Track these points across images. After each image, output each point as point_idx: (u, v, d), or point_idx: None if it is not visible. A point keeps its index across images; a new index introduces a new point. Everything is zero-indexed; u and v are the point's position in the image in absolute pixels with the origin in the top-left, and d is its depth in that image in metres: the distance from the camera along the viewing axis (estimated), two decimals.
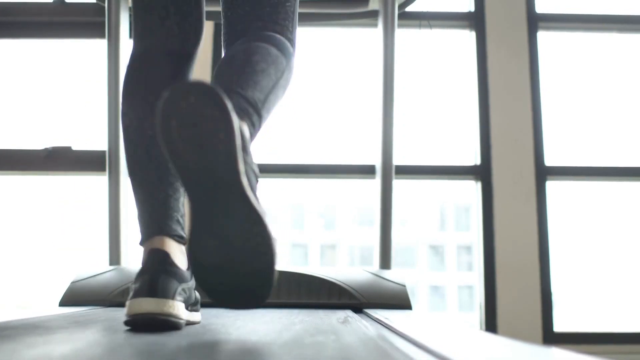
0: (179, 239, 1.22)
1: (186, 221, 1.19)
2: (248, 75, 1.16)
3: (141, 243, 1.24)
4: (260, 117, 1.15)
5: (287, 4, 1.34)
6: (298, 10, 1.38)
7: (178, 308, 1.09)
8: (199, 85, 0.95)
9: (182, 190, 1.25)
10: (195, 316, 1.25)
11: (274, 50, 1.23)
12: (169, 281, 1.10)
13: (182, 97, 0.94)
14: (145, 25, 1.36)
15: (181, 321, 1.10)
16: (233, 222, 0.98)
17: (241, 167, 0.97)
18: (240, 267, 1.00)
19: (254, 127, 1.13)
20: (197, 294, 1.25)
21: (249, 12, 1.32)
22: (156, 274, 1.11)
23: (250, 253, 0.99)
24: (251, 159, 1.05)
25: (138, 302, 1.07)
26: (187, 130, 0.95)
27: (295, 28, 1.36)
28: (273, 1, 1.32)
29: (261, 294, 1.03)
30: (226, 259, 1.00)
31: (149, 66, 1.33)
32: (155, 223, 1.22)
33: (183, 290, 1.14)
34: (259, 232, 0.98)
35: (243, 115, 1.09)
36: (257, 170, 1.07)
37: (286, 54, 1.27)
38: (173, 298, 1.09)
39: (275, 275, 1.01)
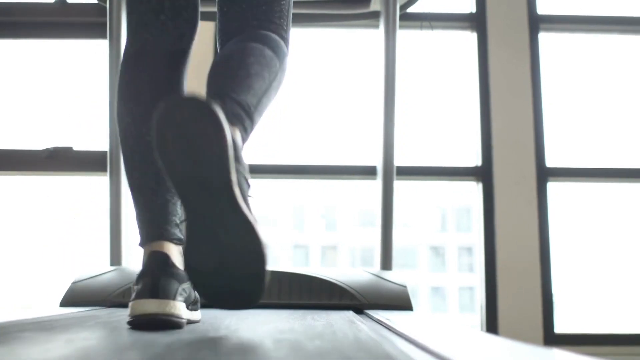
0: (178, 241, 1.24)
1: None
2: (242, 79, 1.18)
3: (141, 245, 1.26)
4: (252, 121, 1.18)
5: (282, 2, 1.35)
6: (292, 9, 1.40)
7: (179, 308, 1.13)
8: (193, 100, 0.98)
9: None
10: (195, 315, 1.28)
11: (268, 52, 1.25)
12: (169, 282, 1.14)
13: (177, 111, 0.98)
14: (139, 20, 1.35)
15: (182, 320, 1.14)
16: (226, 230, 1.02)
17: (234, 177, 1.01)
18: (234, 272, 1.05)
19: (246, 132, 1.16)
20: (196, 293, 1.26)
21: (245, 10, 1.32)
22: (157, 276, 1.14)
23: (242, 258, 1.04)
24: (243, 166, 1.07)
25: (141, 303, 1.11)
26: (182, 144, 0.98)
27: (290, 26, 1.37)
28: None
29: (254, 296, 1.08)
30: (220, 265, 1.04)
31: (144, 66, 1.32)
32: (155, 228, 1.24)
33: (183, 290, 1.17)
34: (250, 239, 1.02)
35: (236, 121, 1.12)
36: (248, 176, 1.09)
37: (280, 55, 1.28)
38: (174, 298, 1.12)
39: (267, 279, 1.05)
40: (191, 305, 1.23)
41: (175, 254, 1.22)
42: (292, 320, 1.36)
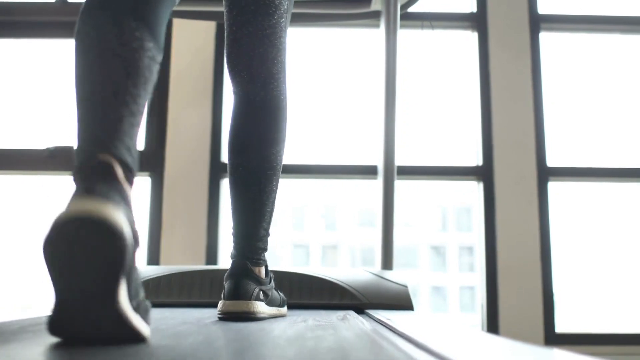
0: (126, 168, 0.94)
1: None
2: (260, 217, 1.44)
3: (75, 170, 0.93)
4: (268, 236, 1.47)
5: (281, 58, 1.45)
6: (293, 9, 1.46)
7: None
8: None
9: (140, 115, 1.01)
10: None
11: (279, 151, 1.45)
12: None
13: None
14: None
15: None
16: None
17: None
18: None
19: (265, 248, 1.46)
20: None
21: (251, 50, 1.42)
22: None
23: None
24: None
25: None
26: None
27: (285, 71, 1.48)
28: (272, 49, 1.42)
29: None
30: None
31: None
32: (100, 140, 0.94)
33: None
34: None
35: (259, 262, 1.43)
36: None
37: (284, 127, 1.46)
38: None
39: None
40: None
41: (125, 183, 0.93)
42: (292, 320, 1.36)
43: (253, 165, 1.41)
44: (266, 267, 1.45)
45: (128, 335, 0.84)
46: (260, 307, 1.36)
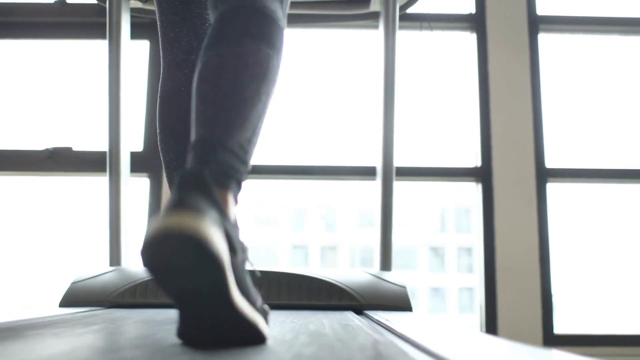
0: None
1: None
2: (236, 110, 1.01)
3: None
4: (248, 162, 1.02)
5: None
6: (291, 9, 1.36)
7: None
8: (178, 235, 0.77)
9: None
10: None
11: (265, 52, 1.08)
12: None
13: (162, 249, 0.79)
14: (171, 59, 1.41)
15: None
16: (222, 329, 0.87)
17: (233, 292, 0.84)
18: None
19: (241, 182, 1.00)
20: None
21: None
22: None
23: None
24: (238, 245, 0.90)
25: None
26: (174, 277, 0.82)
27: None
28: None
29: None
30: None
31: (177, 105, 1.38)
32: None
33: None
34: (250, 338, 0.89)
35: (228, 180, 0.96)
36: (246, 251, 0.94)
37: (278, 46, 1.12)
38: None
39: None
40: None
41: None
42: (291, 320, 1.36)
43: (234, 56, 1.06)
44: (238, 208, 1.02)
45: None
46: (215, 236, 0.81)
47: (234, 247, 0.87)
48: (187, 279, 0.81)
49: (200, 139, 0.97)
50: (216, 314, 0.84)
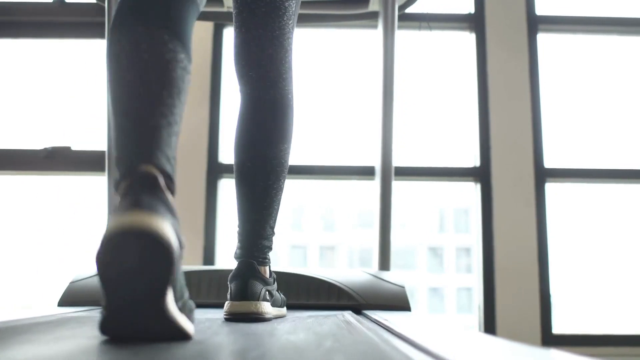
0: (167, 177, 0.98)
1: None
2: (268, 208, 1.44)
3: (120, 177, 0.98)
4: (274, 234, 1.47)
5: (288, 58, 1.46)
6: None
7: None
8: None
9: (177, 125, 1.05)
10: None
11: (285, 149, 1.45)
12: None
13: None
14: None
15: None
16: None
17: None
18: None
19: (271, 248, 1.46)
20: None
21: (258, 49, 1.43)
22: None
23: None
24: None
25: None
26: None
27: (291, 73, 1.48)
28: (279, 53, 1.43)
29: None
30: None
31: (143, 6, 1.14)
32: (141, 152, 0.98)
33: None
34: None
35: (266, 256, 1.44)
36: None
37: (292, 136, 1.47)
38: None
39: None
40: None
41: (166, 191, 0.97)
42: (290, 320, 1.36)
43: (261, 162, 1.42)
44: (269, 267, 1.47)
45: (175, 334, 0.89)
46: (267, 308, 1.37)
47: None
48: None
49: (245, 233, 1.42)
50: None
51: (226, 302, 1.37)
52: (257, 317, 1.34)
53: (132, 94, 1.04)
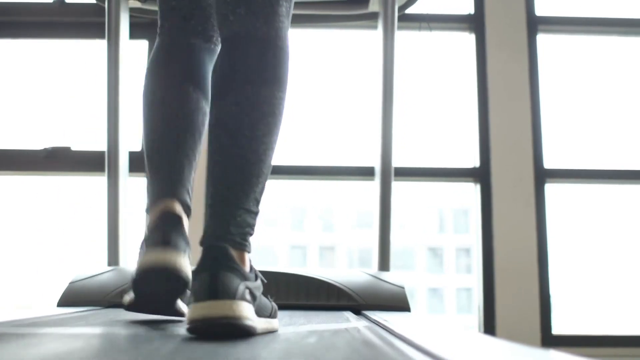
0: (185, 206, 1.28)
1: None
2: (252, 169, 1.09)
3: (148, 207, 1.28)
4: (259, 210, 1.13)
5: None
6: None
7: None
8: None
9: (196, 161, 1.33)
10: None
11: (278, 97, 1.14)
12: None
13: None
14: (171, 24, 1.38)
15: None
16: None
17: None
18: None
19: (252, 232, 1.11)
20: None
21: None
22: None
23: None
24: (250, 279, 1.07)
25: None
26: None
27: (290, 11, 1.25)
28: None
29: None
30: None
31: (173, 53, 1.37)
32: (169, 188, 1.26)
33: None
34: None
35: (245, 243, 1.08)
36: (256, 284, 1.10)
37: (287, 84, 1.17)
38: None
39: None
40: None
41: (185, 221, 1.27)
42: (289, 320, 1.36)
43: (249, 106, 1.11)
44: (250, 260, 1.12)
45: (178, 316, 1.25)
46: (248, 311, 0.98)
47: (254, 295, 1.06)
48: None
49: (219, 198, 1.09)
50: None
51: (190, 306, 0.99)
52: (234, 324, 0.95)
53: (164, 138, 1.30)
